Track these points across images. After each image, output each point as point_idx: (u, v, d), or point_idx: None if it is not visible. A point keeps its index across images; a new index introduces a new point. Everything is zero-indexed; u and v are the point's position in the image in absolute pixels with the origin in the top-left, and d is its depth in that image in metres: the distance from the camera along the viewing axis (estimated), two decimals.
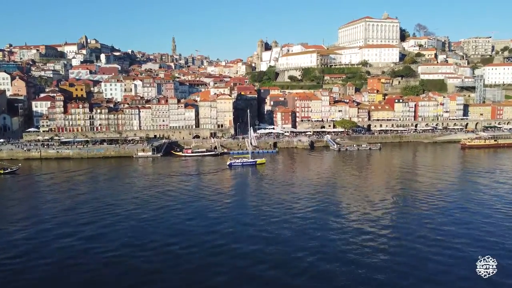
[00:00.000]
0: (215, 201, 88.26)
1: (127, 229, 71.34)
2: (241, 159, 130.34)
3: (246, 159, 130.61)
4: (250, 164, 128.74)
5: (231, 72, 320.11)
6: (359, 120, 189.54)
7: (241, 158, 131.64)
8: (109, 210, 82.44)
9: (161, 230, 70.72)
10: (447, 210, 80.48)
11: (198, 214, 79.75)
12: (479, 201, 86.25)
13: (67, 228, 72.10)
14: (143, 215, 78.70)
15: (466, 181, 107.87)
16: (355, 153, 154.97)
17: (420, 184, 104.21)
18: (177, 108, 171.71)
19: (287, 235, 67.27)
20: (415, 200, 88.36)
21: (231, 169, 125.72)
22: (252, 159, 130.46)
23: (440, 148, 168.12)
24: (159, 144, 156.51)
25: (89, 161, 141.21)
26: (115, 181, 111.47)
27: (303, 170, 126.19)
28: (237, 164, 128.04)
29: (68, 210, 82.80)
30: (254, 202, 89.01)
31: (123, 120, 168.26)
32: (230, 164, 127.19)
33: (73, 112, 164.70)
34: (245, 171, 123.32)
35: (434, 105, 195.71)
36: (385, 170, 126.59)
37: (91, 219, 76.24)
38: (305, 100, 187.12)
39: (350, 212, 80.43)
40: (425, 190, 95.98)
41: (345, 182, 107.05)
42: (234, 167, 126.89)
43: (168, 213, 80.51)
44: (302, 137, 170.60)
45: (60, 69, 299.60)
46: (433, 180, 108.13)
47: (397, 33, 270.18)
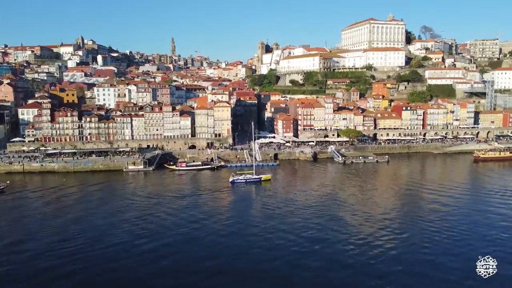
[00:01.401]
0: (220, 237, 74.67)
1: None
2: (244, 176, 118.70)
3: (250, 175, 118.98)
4: (254, 181, 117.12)
5: (230, 74, 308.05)
6: (365, 128, 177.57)
7: (244, 174, 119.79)
8: (96, 244, 71.06)
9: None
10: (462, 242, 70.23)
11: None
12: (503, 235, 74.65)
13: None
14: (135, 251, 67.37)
15: (484, 205, 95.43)
16: (361, 166, 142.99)
17: (431, 208, 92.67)
18: (172, 116, 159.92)
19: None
20: (425, 229, 78.22)
21: (233, 186, 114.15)
22: (257, 176, 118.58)
23: (451, 160, 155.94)
24: (152, 155, 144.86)
25: (76, 176, 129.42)
26: (101, 203, 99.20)
27: (308, 187, 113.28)
28: (240, 181, 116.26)
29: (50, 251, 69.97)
30: (263, 235, 76.36)
31: (114, 129, 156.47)
32: (233, 181, 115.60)
33: (61, 120, 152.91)
34: (249, 190, 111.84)
35: (444, 113, 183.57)
36: (393, 187, 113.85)
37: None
38: (308, 108, 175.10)
39: (361, 239, 72.79)
40: (437, 217, 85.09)
41: (353, 203, 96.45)
42: (237, 184, 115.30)
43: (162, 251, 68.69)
44: (304, 148, 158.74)
45: (55, 71, 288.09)
46: (445, 201, 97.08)
47: (402, 36, 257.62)
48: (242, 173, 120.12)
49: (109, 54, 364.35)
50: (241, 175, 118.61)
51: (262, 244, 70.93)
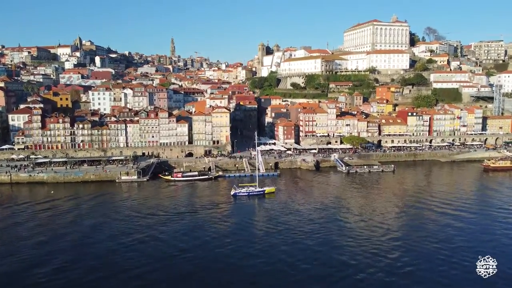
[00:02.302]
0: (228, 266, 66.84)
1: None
2: (247, 188, 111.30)
3: (253, 187, 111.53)
4: (257, 193, 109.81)
5: (230, 77, 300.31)
6: (369, 135, 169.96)
7: (246, 186, 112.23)
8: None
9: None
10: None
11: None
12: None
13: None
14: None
15: (496, 223, 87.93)
16: (366, 176, 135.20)
17: (438, 224, 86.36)
18: (168, 122, 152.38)
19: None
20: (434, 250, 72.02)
21: (235, 200, 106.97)
22: (260, 188, 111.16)
23: (460, 169, 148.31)
24: (147, 164, 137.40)
25: (66, 187, 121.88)
26: (90, 219, 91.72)
27: (312, 201, 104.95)
28: (243, 194, 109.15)
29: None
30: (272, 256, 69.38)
31: (108, 136, 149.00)
32: (235, 194, 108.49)
33: (52, 127, 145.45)
34: (252, 205, 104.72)
35: (451, 119, 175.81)
36: (399, 202, 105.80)
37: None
38: (310, 113, 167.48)
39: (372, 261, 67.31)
40: (446, 237, 78.36)
41: (361, 220, 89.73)
42: (239, 198, 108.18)
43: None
44: (306, 156, 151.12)
45: (51, 73, 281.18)
46: (454, 218, 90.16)
47: (406, 38, 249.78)
48: (245, 186, 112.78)
49: (108, 55, 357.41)
50: (243, 188, 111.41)
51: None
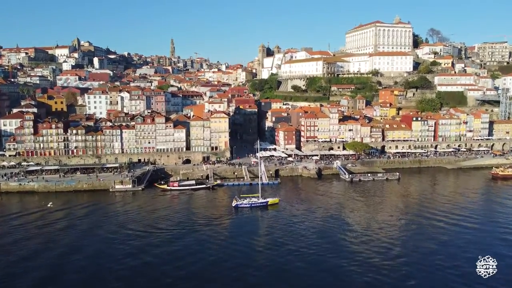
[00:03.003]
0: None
1: None
2: (248, 199, 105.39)
3: (255, 198, 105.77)
4: (260, 205, 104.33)
5: (230, 78, 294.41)
6: (372, 140, 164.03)
7: (249, 198, 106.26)
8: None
9: None
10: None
11: None
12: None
13: None
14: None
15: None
16: (370, 184, 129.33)
17: (447, 245, 79.76)
18: (165, 128, 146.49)
19: None
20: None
21: (237, 212, 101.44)
22: (263, 199, 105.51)
23: (467, 176, 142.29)
24: (143, 172, 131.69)
25: (58, 196, 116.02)
26: (76, 235, 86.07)
27: (317, 213, 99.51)
28: (245, 206, 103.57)
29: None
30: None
31: (103, 142, 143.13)
32: (236, 206, 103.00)
33: (45, 133, 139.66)
34: (255, 217, 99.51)
35: (456, 124, 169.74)
36: (405, 213, 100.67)
37: None
38: (311, 118, 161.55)
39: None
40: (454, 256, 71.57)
41: (369, 235, 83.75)
42: (241, 210, 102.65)
43: None
44: (308, 163, 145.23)
45: (48, 75, 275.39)
46: (463, 231, 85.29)
47: (410, 39, 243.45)
48: (246, 197, 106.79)
49: (106, 56, 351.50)
50: (246, 199, 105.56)
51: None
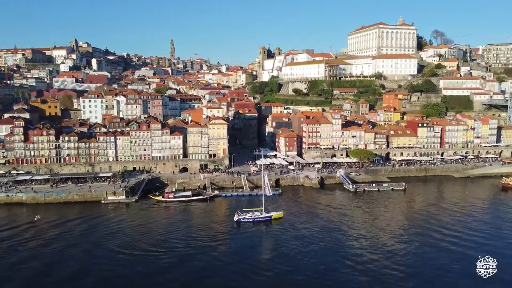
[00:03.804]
0: None
1: None
2: (251, 213, 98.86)
3: (258, 213, 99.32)
4: (264, 219, 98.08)
5: (230, 81, 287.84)
6: (376, 147, 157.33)
7: (251, 212, 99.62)
8: None
9: None
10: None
11: None
12: None
13: None
14: None
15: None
16: (375, 195, 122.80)
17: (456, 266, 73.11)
18: (161, 134, 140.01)
19: None
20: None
21: (239, 228, 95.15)
22: (266, 214, 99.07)
23: (475, 186, 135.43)
24: (137, 181, 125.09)
25: (46, 208, 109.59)
26: (59, 255, 79.49)
27: (322, 228, 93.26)
28: (247, 221, 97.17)
29: None
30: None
31: (96, 149, 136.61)
32: (239, 221, 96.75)
33: (35, 140, 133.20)
34: (259, 233, 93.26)
35: (464, 130, 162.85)
36: (413, 226, 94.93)
37: None
38: (313, 124, 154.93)
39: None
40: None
41: (376, 253, 76.39)
42: (243, 225, 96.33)
43: None
44: (309, 172, 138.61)
45: (45, 76, 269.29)
46: (474, 252, 76.31)
47: (414, 41, 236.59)
48: (249, 211, 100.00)
49: (105, 57, 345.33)
50: (248, 213, 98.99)
51: None
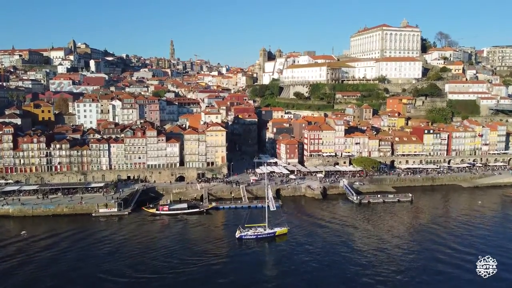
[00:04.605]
0: None
1: None
2: (254, 230, 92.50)
3: (262, 229, 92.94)
4: (267, 236, 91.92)
5: (230, 83, 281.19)
6: (381, 154, 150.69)
7: (254, 228, 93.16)
8: None
9: None
10: None
11: None
12: None
13: None
14: None
15: None
16: (380, 207, 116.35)
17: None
18: (157, 141, 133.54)
19: None
20: None
21: (241, 244, 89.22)
22: (270, 230, 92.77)
23: (484, 196, 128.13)
24: (131, 192, 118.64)
25: (34, 222, 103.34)
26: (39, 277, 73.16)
27: (328, 244, 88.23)
28: (250, 238, 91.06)
29: None
30: None
31: (89, 157, 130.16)
32: (240, 238, 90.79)
33: (25, 147, 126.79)
34: (262, 251, 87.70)
35: (471, 137, 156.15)
36: (420, 242, 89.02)
37: None
38: (315, 130, 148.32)
39: None
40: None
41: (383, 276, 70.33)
42: (245, 242, 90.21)
43: None
44: (311, 181, 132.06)
45: (42, 78, 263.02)
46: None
47: (418, 44, 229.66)
48: (252, 226, 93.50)
49: (104, 58, 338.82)
50: (250, 229, 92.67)
51: None
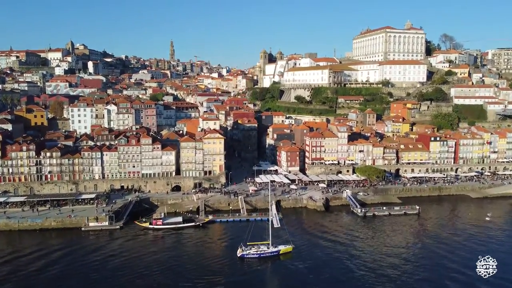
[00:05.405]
0: None
1: None
2: (256, 248, 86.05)
3: (264, 247, 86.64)
4: (271, 255, 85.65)
5: (230, 86, 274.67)
6: (385, 162, 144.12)
7: (257, 246, 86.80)
8: None
9: None
10: None
11: None
12: None
13: None
14: None
15: None
16: (386, 220, 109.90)
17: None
18: (152, 149, 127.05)
19: None
20: None
21: (242, 264, 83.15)
22: (274, 248, 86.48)
23: (494, 208, 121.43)
24: (124, 204, 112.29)
25: (20, 237, 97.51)
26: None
27: (333, 261, 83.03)
28: (252, 256, 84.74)
29: None
30: None
31: (81, 165, 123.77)
32: (242, 256, 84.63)
33: (14, 156, 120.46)
34: (266, 271, 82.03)
35: (479, 144, 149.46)
36: (429, 260, 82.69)
37: None
38: (317, 138, 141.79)
39: None
40: None
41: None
42: (248, 261, 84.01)
43: None
44: (313, 192, 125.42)
45: (38, 80, 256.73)
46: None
47: (422, 46, 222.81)
48: (254, 244, 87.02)
49: (102, 59, 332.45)
50: (253, 247, 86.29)
51: None
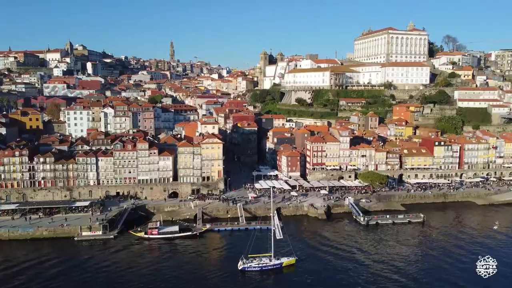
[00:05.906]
0: None
1: None
2: (258, 260, 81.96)
3: (266, 259, 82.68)
4: (273, 267, 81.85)
5: (230, 87, 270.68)
6: (388, 168, 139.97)
7: (258, 258, 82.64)
8: None
9: None
10: None
11: None
12: None
13: None
14: None
15: None
16: (390, 229, 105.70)
17: None
18: (149, 155, 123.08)
19: None
20: None
21: (244, 278, 79.22)
22: (276, 261, 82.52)
23: (500, 216, 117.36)
24: (119, 211, 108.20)
25: (11, 246, 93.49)
26: None
27: (338, 273, 79.26)
28: (254, 269, 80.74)
29: None
30: None
31: (75, 171, 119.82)
32: (243, 269, 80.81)
33: (6, 161, 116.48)
34: (268, 285, 78.38)
35: (485, 149, 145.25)
36: (436, 272, 78.19)
37: None
38: (318, 142, 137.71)
39: None
40: None
41: None
42: (249, 274, 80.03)
43: None
44: (315, 198, 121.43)
45: (36, 82, 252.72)
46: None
47: (425, 48, 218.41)
48: (256, 257, 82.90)
49: (102, 60, 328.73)
50: (254, 260, 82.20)
51: None
